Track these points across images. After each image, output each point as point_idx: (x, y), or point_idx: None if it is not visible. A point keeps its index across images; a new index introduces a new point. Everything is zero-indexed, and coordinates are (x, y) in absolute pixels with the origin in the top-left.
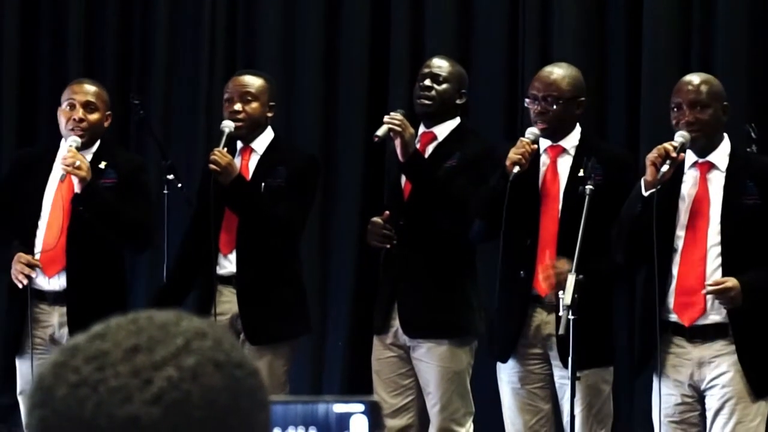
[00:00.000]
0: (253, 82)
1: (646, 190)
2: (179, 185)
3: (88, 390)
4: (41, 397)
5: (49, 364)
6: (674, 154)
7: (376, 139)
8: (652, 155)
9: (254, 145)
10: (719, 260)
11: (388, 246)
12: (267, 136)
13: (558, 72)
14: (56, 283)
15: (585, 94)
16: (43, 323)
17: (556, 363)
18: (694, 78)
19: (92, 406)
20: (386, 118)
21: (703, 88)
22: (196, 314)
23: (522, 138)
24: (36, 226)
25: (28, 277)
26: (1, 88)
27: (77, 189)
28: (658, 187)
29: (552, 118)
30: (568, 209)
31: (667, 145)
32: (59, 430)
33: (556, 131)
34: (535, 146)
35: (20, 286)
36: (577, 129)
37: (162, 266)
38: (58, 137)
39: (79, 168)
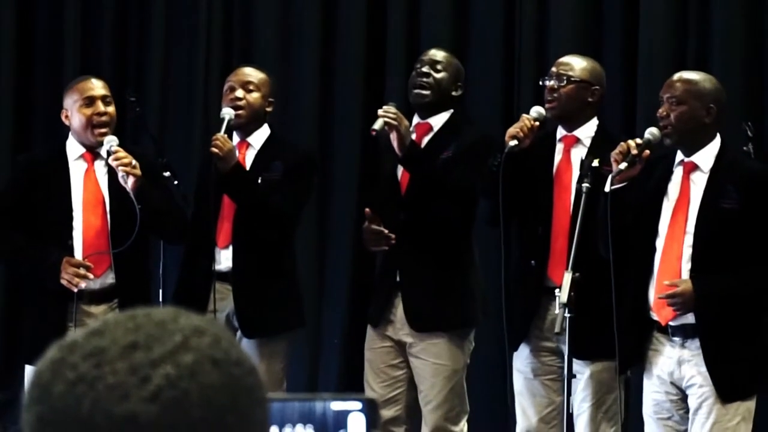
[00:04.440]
0: (256, 73)
1: (610, 186)
2: (175, 182)
3: (86, 387)
4: (38, 393)
5: (47, 361)
6: (635, 151)
7: (374, 132)
8: (615, 152)
9: (251, 139)
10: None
11: (387, 247)
12: (264, 131)
13: (576, 57)
14: (98, 281)
15: (603, 85)
16: (81, 323)
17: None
18: (684, 74)
19: (89, 403)
20: (381, 112)
21: (683, 84)
22: (193, 311)
23: (524, 114)
24: (71, 229)
25: (84, 278)
26: None
27: (131, 188)
28: (623, 183)
29: (561, 97)
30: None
31: (630, 141)
32: (56, 427)
33: (565, 114)
34: (537, 123)
35: (75, 290)
36: (594, 121)
37: (159, 263)
38: (58, 137)
39: (134, 167)
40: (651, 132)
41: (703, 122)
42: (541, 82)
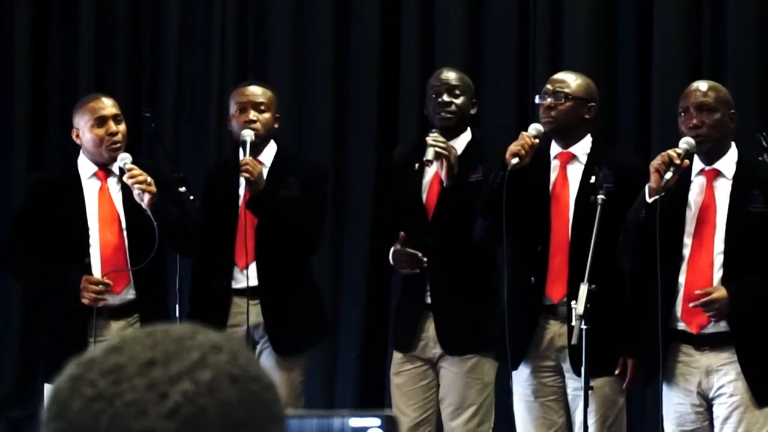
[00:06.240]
0: (264, 92)
1: (650, 197)
2: (191, 198)
3: (104, 404)
4: (57, 410)
5: (66, 377)
6: (678, 161)
7: (428, 163)
8: (656, 162)
9: (261, 157)
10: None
11: (418, 270)
12: (271, 147)
13: (571, 74)
14: (117, 297)
15: (597, 102)
16: (100, 338)
17: (569, 375)
18: (702, 84)
19: (108, 419)
20: (430, 140)
21: (711, 92)
22: (210, 327)
23: (523, 132)
24: (87, 247)
25: (104, 296)
26: (12, 103)
27: (147, 204)
28: (662, 194)
29: (558, 114)
30: (580, 217)
31: (671, 151)
32: None
33: (562, 131)
34: (537, 141)
35: (97, 306)
36: (588, 137)
37: (175, 277)
38: (71, 155)
39: (150, 184)
40: (687, 142)
41: (730, 128)
42: (536, 100)
